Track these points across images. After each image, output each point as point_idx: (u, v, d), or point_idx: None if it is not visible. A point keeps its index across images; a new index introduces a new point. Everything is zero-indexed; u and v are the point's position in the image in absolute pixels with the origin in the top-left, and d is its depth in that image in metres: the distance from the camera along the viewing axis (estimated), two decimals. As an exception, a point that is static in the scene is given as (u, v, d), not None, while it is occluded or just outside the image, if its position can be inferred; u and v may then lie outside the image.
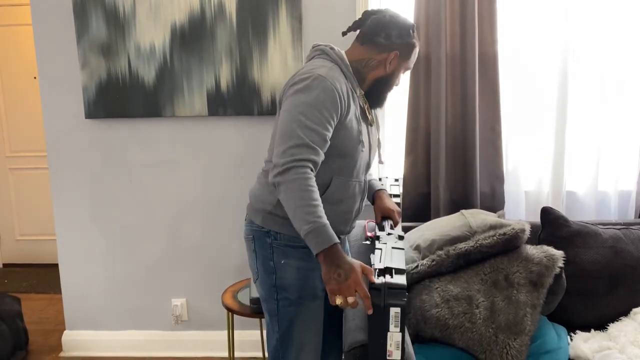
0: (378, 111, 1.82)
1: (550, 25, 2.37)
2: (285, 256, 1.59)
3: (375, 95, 1.67)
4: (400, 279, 1.29)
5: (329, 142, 1.49)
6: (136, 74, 2.50)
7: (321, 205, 1.40)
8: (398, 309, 1.25)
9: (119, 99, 2.52)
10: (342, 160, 1.57)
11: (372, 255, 1.47)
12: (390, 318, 1.26)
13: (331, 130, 1.49)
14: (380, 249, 1.52)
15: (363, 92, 1.65)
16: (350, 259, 1.37)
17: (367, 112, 1.66)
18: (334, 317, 1.78)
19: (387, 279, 1.29)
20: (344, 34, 1.71)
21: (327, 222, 1.38)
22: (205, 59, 2.47)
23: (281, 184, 1.40)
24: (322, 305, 1.66)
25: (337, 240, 1.38)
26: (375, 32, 1.61)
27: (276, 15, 2.42)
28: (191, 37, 2.46)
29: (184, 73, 2.48)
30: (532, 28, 2.39)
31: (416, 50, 1.67)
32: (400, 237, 1.61)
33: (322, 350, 1.73)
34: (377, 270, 1.35)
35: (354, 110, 1.57)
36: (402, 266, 1.36)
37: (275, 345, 1.64)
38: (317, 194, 1.40)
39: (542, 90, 2.43)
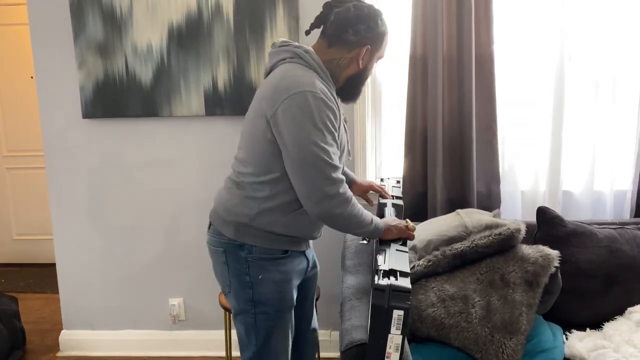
0: (375, 111, 1.82)
1: (546, 25, 2.38)
2: (263, 270, 1.56)
3: (349, 91, 1.63)
4: (405, 282, 1.29)
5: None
6: (133, 73, 2.50)
7: (364, 210, 1.54)
8: (401, 312, 1.25)
9: (116, 98, 2.52)
10: None
11: (378, 256, 1.46)
12: (393, 320, 1.25)
13: (338, 140, 1.49)
14: (384, 249, 1.52)
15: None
16: (389, 221, 1.61)
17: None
18: (305, 311, 1.81)
19: (392, 280, 1.29)
20: (307, 32, 1.62)
21: (375, 217, 1.56)
22: (202, 59, 2.47)
23: (336, 217, 1.48)
24: (293, 311, 1.67)
25: (383, 223, 1.58)
26: (342, 30, 1.52)
27: (273, 15, 2.43)
28: (188, 37, 2.46)
29: (181, 73, 2.49)
30: (528, 28, 2.40)
31: (387, 37, 1.60)
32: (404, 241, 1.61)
33: (297, 344, 1.76)
34: (382, 272, 1.35)
35: (342, 119, 1.56)
36: (407, 269, 1.36)
37: (251, 357, 1.63)
38: (359, 207, 1.52)
39: (538, 90, 2.43)
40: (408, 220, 1.66)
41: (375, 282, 1.30)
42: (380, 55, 1.62)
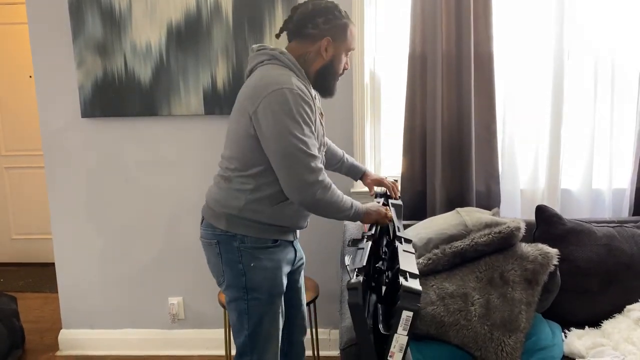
0: (373, 110, 1.84)
1: (545, 23, 2.38)
2: (254, 258, 1.65)
3: (323, 85, 1.69)
4: (416, 284, 1.29)
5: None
6: (132, 72, 2.50)
7: (345, 196, 1.63)
8: (410, 314, 1.24)
9: (115, 97, 2.52)
10: None
11: (345, 257, 1.47)
12: (401, 320, 1.25)
13: (315, 133, 1.58)
14: (353, 251, 1.55)
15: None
16: (370, 205, 1.71)
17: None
18: (296, 299, 1.90)
19: (402, 281, 1.29)
20: (277, 36, 1.74)
21: (354, 202, 1.65)
22: (201, 58, 2.47)
23: (318, 203, 1.56)
24: (283, 298, 1.76)
25: (364, 208, 1.67)
26: (301, 25, 1.63)
27: (272, 14, 2.43)
28: (187, 35, 2.46)
29: (180, 72, 2.49)
30: (528, 27, 2.40)
31: (350, 29, 1.67)
32: (408, 241, 1.61)
33: (289, 329, 1.86)
34: (356, 270, 1.37)
35: (318, 113, 1.64)
36: (416, 270, 1.36)
37: (244, 341, 1.71)
38: (339, 193, 1.61)
39: (537, 88, 2.44)
40: (388, 208, 1.77)
41: (350, 281, 1.31)
42: (348, 47, 1.68)
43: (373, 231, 1.70)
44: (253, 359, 1.71)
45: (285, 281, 1.73)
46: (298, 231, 1.79)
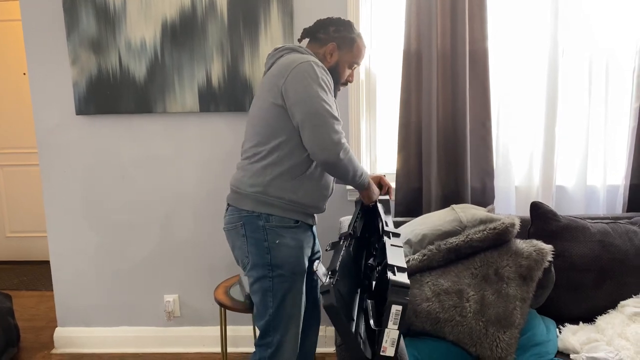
0: (369, 107, 1.86)
1: (539, 21, 2.39)
2: (279, 236, 1.73)
3: None
4: (403, 278, 1.30)
5: None
6: (127, 69, 2.49)
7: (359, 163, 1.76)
8: (400, 307, 1.26)
9: (110, 95, 2.51)
10: None
11: (318, 261, 1.47)
12: (390, 315, 1.26)
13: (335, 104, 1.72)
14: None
15: None
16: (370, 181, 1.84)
17: None
18: (314, 291, 1.96)
19: (390, 276, 1.30)
20: (299, 40, 1.92)
21: (365, 171, 1.79)
22: (196, 55, 2.47)
23: (339, 162, 1.65)
24: (305, 279, 1.82)
25: (370, 178, 1.83)
26: (316, 29, 1.86)
27: (267, 11, 2.42)
28: (182, 32, 2.45)
29: (175, 69, 2.48)
30: (522, 24, 2.40)
31: (358, 46, 1.85)
32: (396, 235, 1.62)
33: (305, 320, 1.89)
34: (330, 272, 1.38)
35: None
36: (404, 264, 1.37)
37: (267, 320, 1.76)
38: (355, 158, 1.74)
39: (532, 86, 2.44)
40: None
41: (322, 284, 1.32)
42: (351, 60, 1.86)
43: (351, 230, 1.72)
44: (275, 340, 1.76)
45: (306, 263, 1.80)
46: (316, 217, 1.87)
